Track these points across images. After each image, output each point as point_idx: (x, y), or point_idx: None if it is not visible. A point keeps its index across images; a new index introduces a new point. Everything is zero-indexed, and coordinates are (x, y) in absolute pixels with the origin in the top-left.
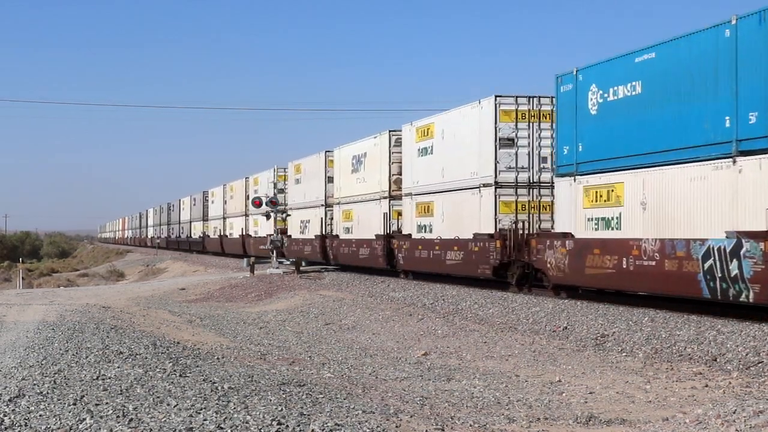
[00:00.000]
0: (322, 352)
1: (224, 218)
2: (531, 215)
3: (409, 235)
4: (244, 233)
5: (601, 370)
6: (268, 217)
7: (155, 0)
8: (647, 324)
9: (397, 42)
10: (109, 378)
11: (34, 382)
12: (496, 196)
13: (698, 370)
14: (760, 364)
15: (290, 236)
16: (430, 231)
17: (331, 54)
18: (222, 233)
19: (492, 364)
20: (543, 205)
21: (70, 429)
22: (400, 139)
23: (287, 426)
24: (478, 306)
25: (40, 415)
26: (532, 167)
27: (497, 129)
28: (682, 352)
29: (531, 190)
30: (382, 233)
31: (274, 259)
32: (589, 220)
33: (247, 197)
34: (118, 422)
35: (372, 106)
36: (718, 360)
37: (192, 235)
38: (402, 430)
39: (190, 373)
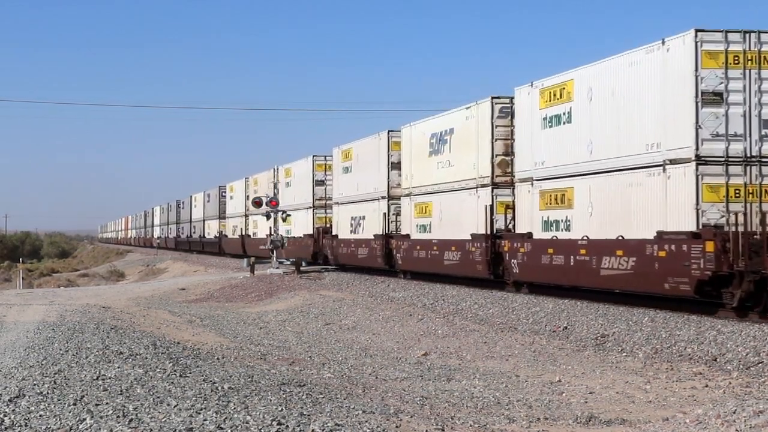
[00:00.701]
0: (322, 352)
1: (246, 216)
2: (749, 204)
3: (530, 234)
4: (272, 233)
5: (601, 370)
6: (268, 217)
7: (155, 0)
8: (647, 324)
9: (397, 42)
10: (110, 378)
11: (34, 382)
12: (697, 176)
13: (698, 370)
14: (760, 364)
15: (336, 236)
16: (567, 228)
17: (333, 54)
18: (243, 233)
19: (492, 364)
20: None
21: (70, 429)
22: (508, 107)
23: (287, 426)
24: (478, 306)
25: (40, 415)
26: (750, 135)
27: (698, 79)
28: (682, 352)
29: (749, 168)
30: (481, 232)
31: (274, 259)
32: None
33: (276, 190)
34: (118, 422)
35: (373, 106)
36: (718, 360)
37: (206, 235)
38: (402, 430)
39: (190, 373)
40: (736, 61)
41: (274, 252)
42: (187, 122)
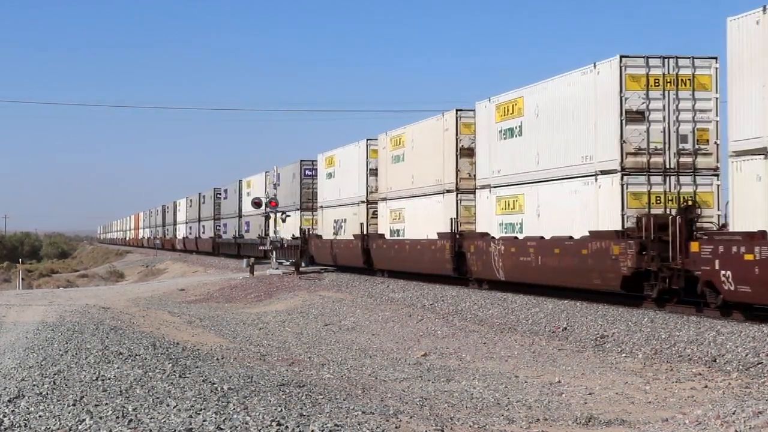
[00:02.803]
0: (321, 353)
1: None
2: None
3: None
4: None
5: (600, 370)
6: (267, 217)
7: (155, 0)
8: (647, 325)
9: (399, 43)
10: (109, 379)
11: (34, 382)
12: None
13: (698, 371)
14: (759, 365)
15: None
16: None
17: (335, 54)
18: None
19: (491, 364)
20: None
21: (70, 429)
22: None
23: (287, 427)
24: (478, 307)
25: (39, 416)
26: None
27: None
28: (682, 353)
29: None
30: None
31: (274, 259)
32: None
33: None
34: (118, 423)
35: (374, 106)
36: (717, 361)
37: (269, 234)
38: (401, 430)
39: (189, 373)
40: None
41: (274, 253)
42: (188, 123)
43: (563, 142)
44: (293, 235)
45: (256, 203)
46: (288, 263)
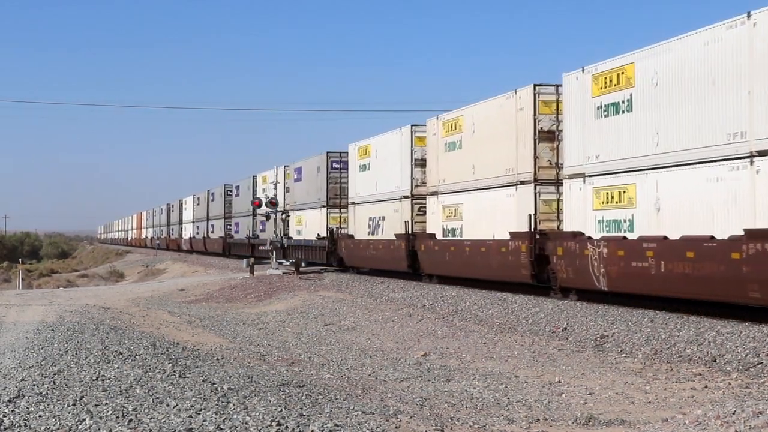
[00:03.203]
0: (321, 353)
1: (339, 206)
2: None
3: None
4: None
5: (600, 370)
6: (268, 217)
7: (156, 0)
8: (647, 325)
9: (402, 42)
10: (109, 379)
11: (34, 382)
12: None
13: (698, 371)
14: (759, 365)
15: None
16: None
17: (336, 54)
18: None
19: (491, 364)
20: None
21: (70, 429)
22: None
23: (287, 427)
24: (478, 307)
25: (39, 416)
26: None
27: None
28: (682, 353)
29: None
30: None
31: (274, 259)
32: None
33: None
34: (118, 423)
35: (375, 106)
36: (717, 361)
37: (290, 234)
38: (401, 430)
39: (189, 373)
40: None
41: (274, 253)
42: (188, 123)
43: (698, 116)
44: (318, 234)
45: (256, 204)
46: (288, 263)
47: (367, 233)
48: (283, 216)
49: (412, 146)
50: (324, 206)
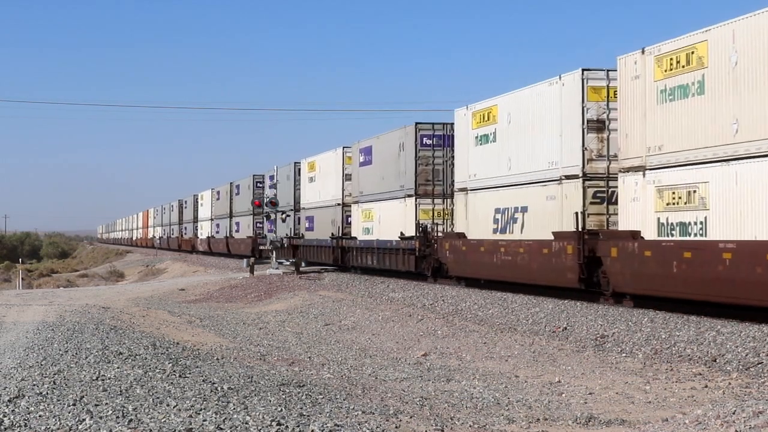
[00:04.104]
0: (321, 353)
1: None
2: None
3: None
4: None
5: (600, 370)
6: (268, 217)
7: (156, 0)
8: (647, 325)
9: (402, 42)
10: (109, 378)
11: (34, 382)
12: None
13: (698, 371)
14: (759, 365)
15: None
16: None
17: (337, 54)
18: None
19: (492, 364)
20: None
21: (70, 429)
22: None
23: (287, 426)
24: (478, 306)
25: (39, 416)
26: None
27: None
28: (682, 353)
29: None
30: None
31: (274, 259)
32: None
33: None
34: (118, 423)
35: (374, 106)
36: (717, 361)
37: (353, 233)
38: (401, 430)
39: (189, 373)
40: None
41: (274, 252)
42: (188, 123)
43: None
44: (401, 233)
45: (257, 203)
46: (288, 263)
47: (492, 231)
48: (347, 210)
49: (583, 101)
50: (411, 196)
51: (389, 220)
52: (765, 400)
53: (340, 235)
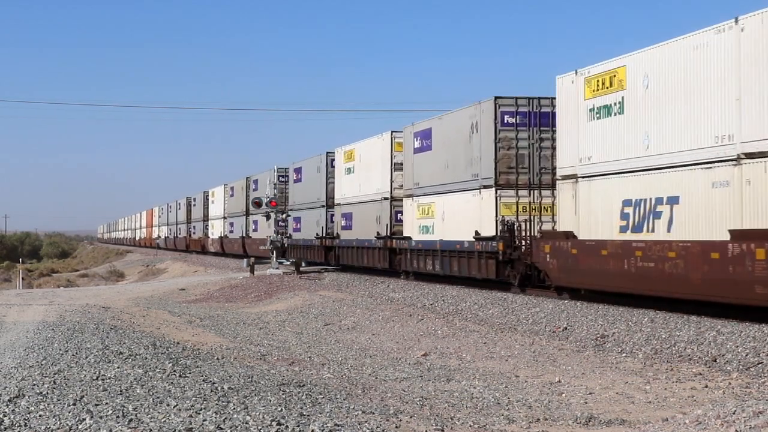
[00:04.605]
0: (321, 353)
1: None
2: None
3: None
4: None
5: (600, 370)
6: (268, 217)
7: (156, 0)
8: (647, 325)
9: (401, 42)
10: (109, 378)
11: (34, 382)
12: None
13: (698, 371)
14: (759, 365)
15: None
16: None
17: (337, 54)
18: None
19: (492, 364)
20: None
21: (70, 429)
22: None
23: (287, 426)
24: (478, 306)
25: (39, 416)
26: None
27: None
28: (682, 353)
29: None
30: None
31: (274, 259)
32: None
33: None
34: (118, 422)
35: (375, 106)
36: (717, 360)
37: (405, 232)
38: (401, 430)
39: (189, 373)
40: None
41: (274, 252)
42: (188, 123)
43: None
44: (476, 232)
45: (256, 203)
46: (288, 263)
47: (619, 229)
48: (396, 205)
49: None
50: (488, 187)
51: (457, 217)
52: (765, 400)
53: (388, 234)
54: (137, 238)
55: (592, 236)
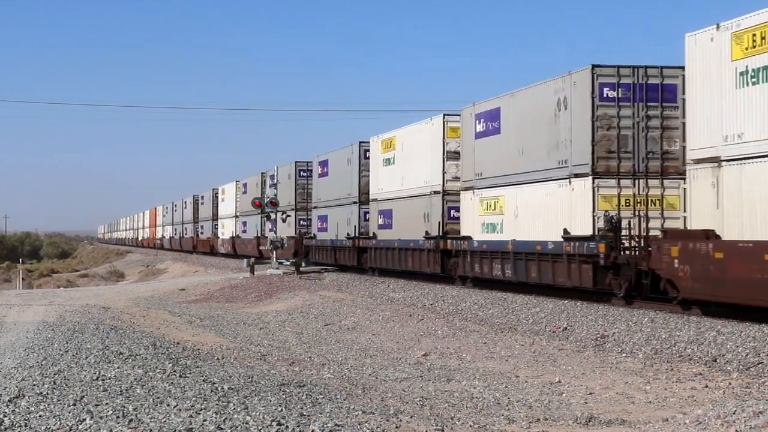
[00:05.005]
0: (322, 353)
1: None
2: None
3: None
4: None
5: (601, 370)
6: (268, 217)
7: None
8: (647, 325)
9: (401, 42)
10: (109, 378)
11: (34, 382)
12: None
13: (698, 371)
14: (759, 365)
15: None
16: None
17: (337, 54)
18: None
19: (492, 364)
20: None
21: (70, 429)
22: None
23: (287, 426)
24: (478, 306)
25: (40, 416)
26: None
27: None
28: (682, 353)
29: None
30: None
31: (274, 259)
32: None
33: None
34: (118, 422)
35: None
36: (718, 360)
37: (463, 231)
38: (402, 430)
39: (190, 373)
40: None
41: (274, 252)
42: (188, 123)
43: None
44: (565, 230)
45: (256, 203)
46: (288, 263)
47: None
48: (450, 200)
49: None
50: (582, 176)
51: (535, 213)
52: (765, 400)
53: (441, 233)
54: (140, 239)
55: (747, 236)
